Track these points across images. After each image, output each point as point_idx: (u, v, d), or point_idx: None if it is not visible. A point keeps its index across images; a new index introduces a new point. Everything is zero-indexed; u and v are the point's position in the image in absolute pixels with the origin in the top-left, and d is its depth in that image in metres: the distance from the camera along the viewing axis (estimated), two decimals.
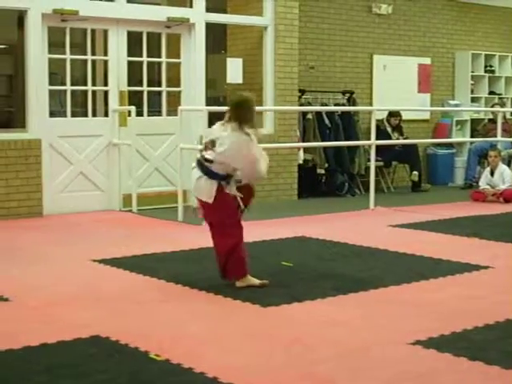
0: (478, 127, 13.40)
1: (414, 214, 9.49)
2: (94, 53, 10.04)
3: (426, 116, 13.41)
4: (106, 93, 9.85)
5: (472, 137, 13.33)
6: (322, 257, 6.85)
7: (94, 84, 9.94)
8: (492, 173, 11.02)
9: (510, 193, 10.68)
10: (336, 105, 11.73)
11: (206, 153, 5.71)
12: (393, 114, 12.12)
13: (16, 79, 10.69)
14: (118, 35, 9.62)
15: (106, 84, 9.89)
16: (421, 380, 3.83)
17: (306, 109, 11.12)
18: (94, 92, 9.90)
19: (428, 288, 5.77)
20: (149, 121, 9.96)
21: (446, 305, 5.29)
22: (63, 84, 9.61)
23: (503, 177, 10.88)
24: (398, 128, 12.27)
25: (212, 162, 5.63)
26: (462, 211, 9.70)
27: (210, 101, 10.64)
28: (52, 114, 9.43)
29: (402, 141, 12.06)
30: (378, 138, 10.21)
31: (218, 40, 11.50)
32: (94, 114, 9.84)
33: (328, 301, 5.35)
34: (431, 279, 6.00)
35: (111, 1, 9.54)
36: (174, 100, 10.18)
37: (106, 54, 9.79)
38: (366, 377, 3.86)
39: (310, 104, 11.42)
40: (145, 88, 9.95)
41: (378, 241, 7.52)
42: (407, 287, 5.77)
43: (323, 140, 11.21)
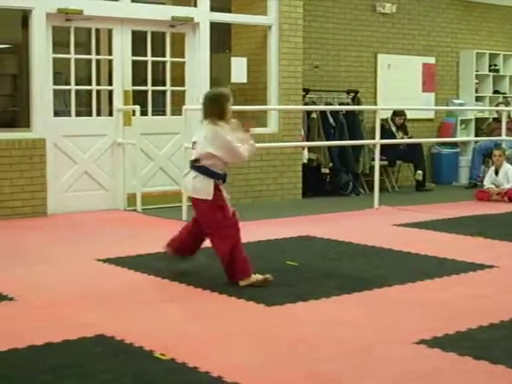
0: (483, 126, 13.40)
1: (418, 213, 9.49)
2: (98, 52, 10.05)
3: (431, 115, 13.40)
4: (110, 92, 9.87)
5: (476, 136, 13.35)
6: (327, 256, 6.85)
7: (98, 83, 9.97)
8: (496, 172, 11.01)
9: None
10: (340, 104, 11.72)
11: (192, 154, 5.83)
12: (397, 114, 12.11)
13: (20, 79, 10.71)
14: (123, 34, 9.63)
15: (110, 83, 9.90)
16: (425, 379, 3.83)
17: (310, 108, 11.12)
18: (98, 91, 9.93)
19: (433, 287, 5.76)
20: (153, 120, 9.96)
21: (451, 304, 5.28)
22: (68, 83, 9.62)
23: (508, 176, 10.86)
24: (403, 127, 12.27)
25: (199, 160, 5.71)
26: (466, 210, 9.69)
27: None
28: (56, 114, 9.43)
29: (406, 140, 12.06)
30: (382, 137, 10.20)
31: (222, 39, 11.50)
32: (99, 113, 9.87)
33: (332, 300, 5.35)
34: (436, 278, 5.99)
35: (116, 0, 9.55)
36: (179, 99, 10.18)
37: (110, 53, 9.80)
38: (370, 376, 3.85)
39: (314, 103, 11.42)
40: (149, 87, 9.95)
41: (382, 240, 7.52)
42: (412, 286, 5.76)
43: (328, 139, 11.21)
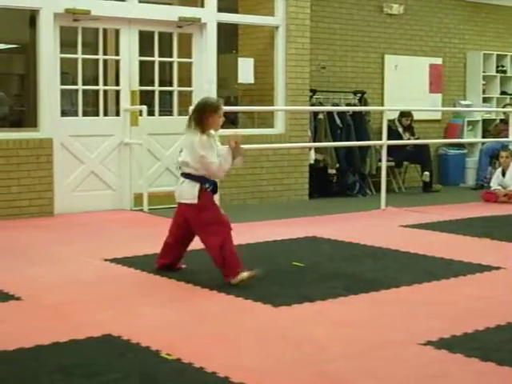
0: (490, 127, 13.39)
1: (425, 214, 9.47)
2: (105, 52, 10.06)
3: (438, 116, 13.39)
4: (117, 92, 9.88)
5: (483, 137, 13.32)
6: (333, 257, 6.84)
7: (105, 83, 9.98)
8: (503, 173, 10.99)
9: None
10: (347, 105, 11.72)
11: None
12: (404, 114, 12.10)
13: (28, 79, 10.71)
14: (130, 35, 9.64)
15: (117, 83, 9.92)
16: (432, 380, 3.82)
17: (317, 109, 11.12)
18: (105, 91, 9.95)
19: (439, 288, 5.75)
20: (160, 120, 9.97)
21: (458, 305, 5.28)
22: (75, 83, 9.64)
23: None
24: (410, 128, 12.26)
25: (186, 165, 5.75)
26: (473, 212, 9.67)
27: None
28: (63, 114, 9.46)
29: (413, 141, 12.04)
30: (389, 138, 10.19)
31: (229, 40, 11.51)
32: (106, 113, 9.88)
33: (339, 301, 5.34)
34: (442, 280, 5.98)
35: (123, 0, 9.56)
36: (186, 100, 10.18)
37: (117, 53, 9.81)
38: (377, 377, 3.85)
39: (321, 104, 11.42)
40: (156, 88, 9.96)
41: (389, 241, 7.51)
42: (418, 287, 5.75)
43: (334, 140, 11.21)
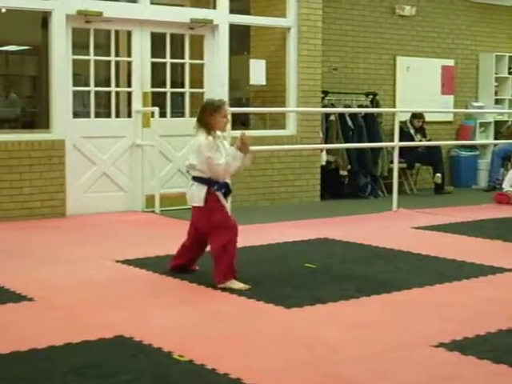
0: (502, 129, 13.35)
1: (437, 216, 9.45)
2: (117, 54, 10.08)
3: (450, 118, 13.34)
4: (129, 94, 9.89)
5: (496, 139, 13.29)
6: (345, 258, 6.83)
7: (117, 85, 9.99)
8: None
9: None
10: (359, 106, 11.70)
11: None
12: (416, 116, 12.08)
13: (40, 80, 10.74)
14: (142, 36, 9.66)
15: (129, 85, 9.93)
16: (444, 382, 3.81)
17: (329, 110, 11.11)
18: (117, 93, 9.96)
19: (451, 290, 5.74)
20: (172, 122, 9.97)
21: (470, 307, 5.27)
22: (87, 85, 9.65)
23: None
24: (421, 130, 12.23)
25: (193, 168, 5.78)
26: (485, 213, 9.64)
27: (233, 102, 10.64)
28: (76, 115, 9.47)
29: (425, 143, 12.01)
30: (401, 139, 10.17)
31: (241, 41, 11.51)
32: (118, 114, 9.89)
33: (351, 302, 5.34)
34: (454, 281, 5.97)
35: (135, 2, 9.59)
36: (197, 101, 10.17)
37: (129, 55, 9.82)
38: (389, 379, 3.84)
39: (333, 105, 11.40)
40: (168, 89, 9.97)
41: (401, 243, 7.50)
42: (430, 289, 5.74)
43: (346, 141, 11.19)
